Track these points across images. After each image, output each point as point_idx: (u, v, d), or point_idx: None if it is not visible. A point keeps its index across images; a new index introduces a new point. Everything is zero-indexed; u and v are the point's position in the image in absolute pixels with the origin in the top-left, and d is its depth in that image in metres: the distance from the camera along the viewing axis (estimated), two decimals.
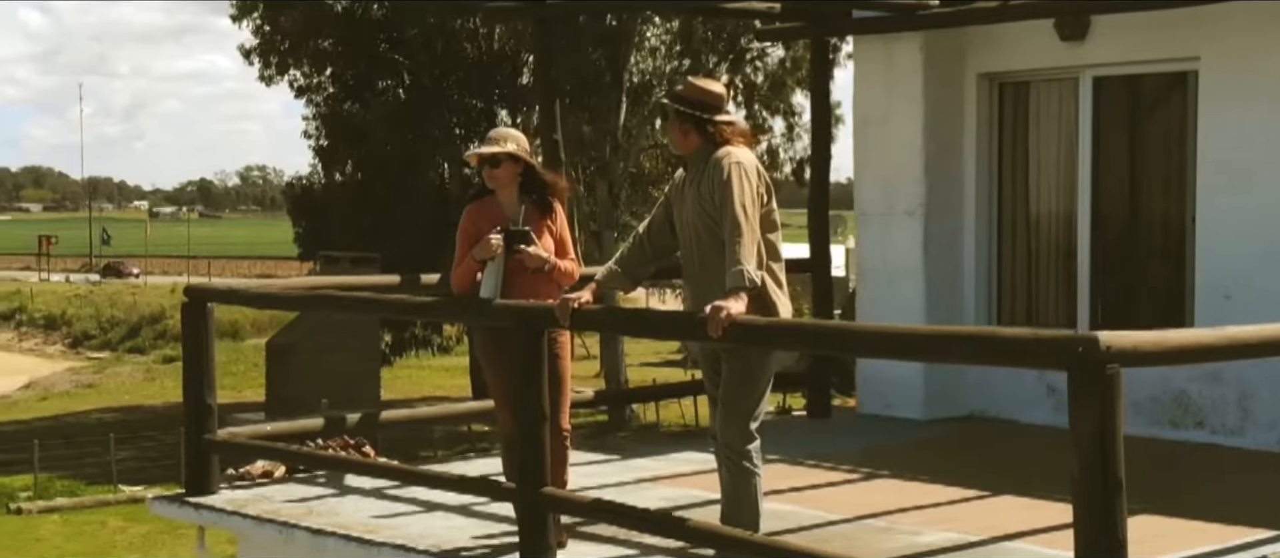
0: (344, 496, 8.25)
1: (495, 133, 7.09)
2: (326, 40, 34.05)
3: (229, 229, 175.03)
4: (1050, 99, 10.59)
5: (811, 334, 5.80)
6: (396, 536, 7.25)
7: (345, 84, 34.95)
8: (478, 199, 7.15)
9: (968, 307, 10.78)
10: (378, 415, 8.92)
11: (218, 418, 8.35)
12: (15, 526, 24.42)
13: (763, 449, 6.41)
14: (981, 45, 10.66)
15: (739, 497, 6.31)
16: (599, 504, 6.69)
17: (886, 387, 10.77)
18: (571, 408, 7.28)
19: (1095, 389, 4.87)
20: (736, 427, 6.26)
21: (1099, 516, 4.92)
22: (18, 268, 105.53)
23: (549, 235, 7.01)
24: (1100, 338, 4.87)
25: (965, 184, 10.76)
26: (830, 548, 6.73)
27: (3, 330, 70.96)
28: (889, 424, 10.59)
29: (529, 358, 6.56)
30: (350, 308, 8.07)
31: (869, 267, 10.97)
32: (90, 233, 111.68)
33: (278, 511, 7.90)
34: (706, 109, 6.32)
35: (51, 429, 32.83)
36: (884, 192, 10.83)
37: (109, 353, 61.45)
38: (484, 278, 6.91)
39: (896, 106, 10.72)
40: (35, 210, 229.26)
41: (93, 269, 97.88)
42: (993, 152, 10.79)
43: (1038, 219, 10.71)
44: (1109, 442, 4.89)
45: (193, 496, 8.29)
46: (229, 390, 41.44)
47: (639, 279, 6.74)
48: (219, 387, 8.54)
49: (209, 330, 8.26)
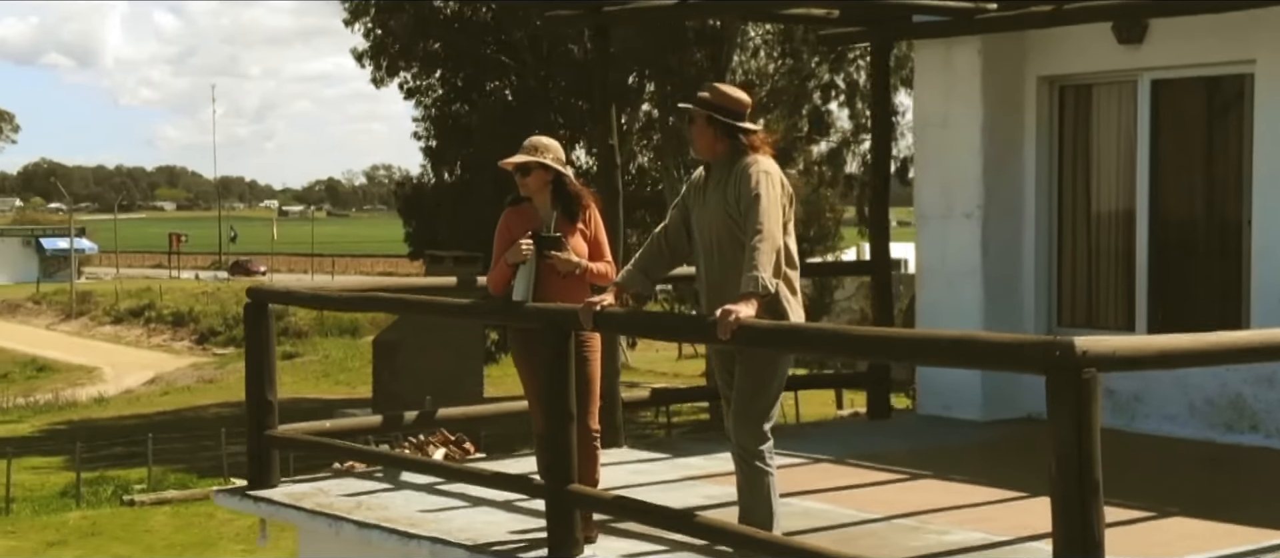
0: (398, 491, 8.54)
1: (528, 142, 7.35)
2: (436, 42, 34.59)
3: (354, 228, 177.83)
4: (1109, 102, 10.61)
5: (813, 338, 5.96)
6: (436, 530, 7.52)
7: (454, 86, 35.49)
8: (515, 205, 7.41)
9: (1026, 309, 10.82)
10: (435, 413, 9.21)
11: (279, 413, 8.68)
12: (128, 517, 25.23)
13: (777, 448, 6.58)
14: (1042, 49, 10.70)
15: (753, 496, 6.49)
16: (620, 501, 6.89)
17: (945, 389, 10.85)
18: (623, 407, 7.47)
19: (1072, 393, 4.99)
20: (749, 428, 6.43)
21: (1076, 517, 5.05)
22: (150, 265, 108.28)
23: (582, 240, 7.24)
24: (1076, 343, 4.99)
25: (1025, 186, 10.81)
26: (855, 546, 6.92)
27: (132, 327, 72.91)
28: (946, 426, 10.67)
29: (556, 359, 6.80)
30: (393, 308, 8.38)
31: (928, 268, 11.06)
32: (219, 232, 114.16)
33: (331, 504, 8.22)
34: (735, 116, 6.49)
35: (170, 423, 33.82)
36: (943, 194, 10.91)
37: (233, 349, 62.86)
38: (516, 281, 7.15)
39: (955, 109, 10.80)
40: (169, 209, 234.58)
41: (221, 267, 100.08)
42: (1053, 154, 10.83)
43: (1097, 221, 10.73)
44: (1086, 444, 5.01)
45: (254, 489, 8.64)
46: (344, 386, 42.35)
47: (657, 281, 6.93)
48: (335, 383, 8.90)
49: (269, 330, 8.60)
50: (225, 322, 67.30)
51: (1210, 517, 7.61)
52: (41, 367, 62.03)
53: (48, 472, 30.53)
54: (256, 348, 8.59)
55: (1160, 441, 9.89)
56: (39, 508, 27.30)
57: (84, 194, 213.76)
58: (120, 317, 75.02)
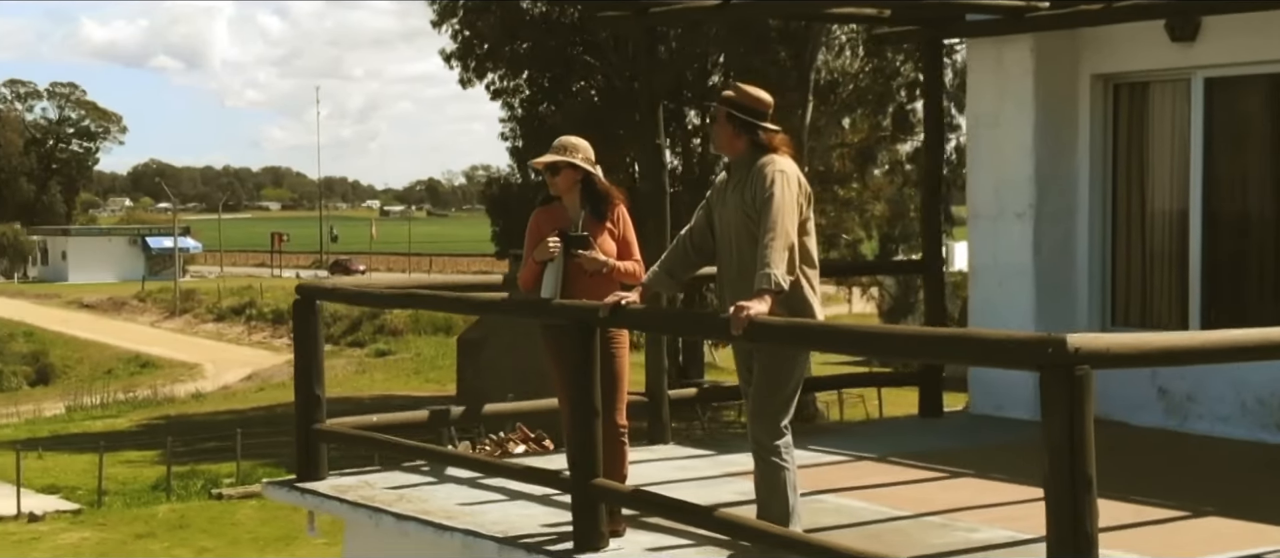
0: (441, 484, 8.70)
1: (558, 142, 7.47)
2: (523, 43, 34.88)
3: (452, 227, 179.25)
4: (1163, 100, 10.54)
5: (820, 335, 6.03)
6: (469, 522, 7.67)
7: (541, 86, 35.76)
8: (546, 204, 7.53)
9: (1080, 308, 10.78)
10: (480, 408, 9.38)
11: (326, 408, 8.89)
12: (216, 510, 25.75)
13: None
14: (1095, 47, 10.65)
15: (770, 491, 6.57)
16: (642, 495, 7.00)
17: (997, 388, 10.84)
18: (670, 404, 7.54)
19: (1065, 390, 5.03)
20: (766, 424, 6.51)
21: (1068, 514, 5.08)
22: (253, 264, 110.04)
23: (610, 239, 7.35)
24: (1069, 340, 5.03)
25: (1078, 186, 10.76)
26: (879, 543, 6.97)
27: (233, 324, 74.18)
28: (998, 425, 10.65)
29: (580, 355, 6.92)
30: (429, 304, 8.55)
31: (980, 268, 11.05)
32: (320, 231, 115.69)
33: (373, 497, 8.40)
34: (757, 116, 6.58)
35: (263, 419, 34.41)
36: (995, 193, 10.90)
37: (330, 346, 63.81)
38: (545, 278, 7.28)
39: (1007, 108, 10.78)
40: (273, 209, 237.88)
41: (321, 266, 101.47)
42: (1107, 153, 10.77)
43: (1151, 220, 10.66)
44: (1078, 441, 5.06)
45: (302, 482, 8.85)
46: (434, 384, 42.83)
47: (683, 281, 7.03)
48: (425, 380, 9.13)
49: (317, 327, 8.81)
50: (325, 319, 68.11)
51: (1247, 518, 7.56)
52: (145, 363, 63.38)
53: (142, 466, 31.22)
54: (305, 344, 8.81)
55: (1213, 441, 9.83)
56: (130, 500, 27.96)
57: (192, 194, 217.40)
58: (222, 314, 76.38)
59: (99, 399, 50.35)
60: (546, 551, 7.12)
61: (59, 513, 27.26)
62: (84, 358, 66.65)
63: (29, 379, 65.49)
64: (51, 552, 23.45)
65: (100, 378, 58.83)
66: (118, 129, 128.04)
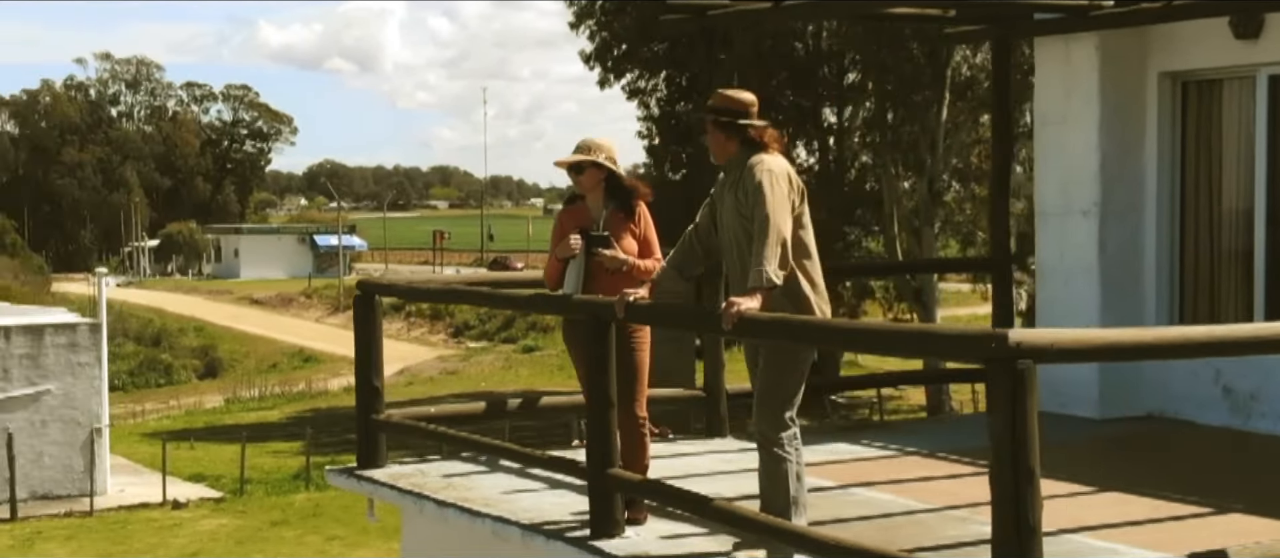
0: (491, 474, 9.03)
1: (582, 142, 7.73)
2: (660, 44, 35.22)
3: None
4: (1229, 98, 10.47)
5: (800, 330, 6.23)
6: (502, 509, 7.98)
7: (678, 86, 36.07)
8: (571, 202, 7.82)
9: (1148, 305, 10.74)
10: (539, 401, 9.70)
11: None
12: (349, 499, 26.36)
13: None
14: (1163, 45, 10.61)
15: (773, 482, 6.76)
16: (652, 485, 7.24)
17: (1063, 386, 10.84)
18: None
19: (1007, 384, 5.16)
20: (770, 416, 6.71)
21: (1010, 504, 5.22)
22: (416, 262, 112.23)
23: (631, 237, 7.60)
24: (1010, 335, 5.16)
25: (1145, 184, 10.73)
26: (894, 535, 7.13)
27: (393, 320, 75.73)
28: (1059, 423, 10.64)
29: (597, 349, 7.19)
30: (470, 299, 8.89)
31: (1047, 266, 11.08)
32: (481, 229, 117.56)
33: (423, 485, 8.77)
34: (740, 115, 6.79)
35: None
36: (1061, 191, 10.91)
37: (485, 342, 64.91)
38: (567, 275, 7.56)
39: (1073, 106, 10.79)
40: (441, 208, 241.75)
41: (481, 263, 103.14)
42: (1175, 150, 10.72)
43: (1218, 217, 10.59)
44: (1021, 434, 5.19)
45: (362, 469, 9.26)
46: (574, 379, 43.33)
47: (691, 277, 7.26)
48: (569, 375, 9.50)
49: (377, 321, 9.21)
50: (479, 316, 69.42)
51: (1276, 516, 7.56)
52: (307, 358, 65.16)
53: (287, 456, 32.22)
54: (365, 337, 9.20)
55: (1275, 440, 9.77)
56: (271, 489, 28.92)
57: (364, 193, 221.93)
58: (383, 311, 77.95)
59: (257, 392, 51.92)
60: (565, 537, 7.40)
61: (202, 500, 28.30)
62: (251, 352, 68.74)
63: (198, 372, 67.76)
64: (190, 538, 24.40)
65: (264, 372, 60.69)
66: (288, 130, 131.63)
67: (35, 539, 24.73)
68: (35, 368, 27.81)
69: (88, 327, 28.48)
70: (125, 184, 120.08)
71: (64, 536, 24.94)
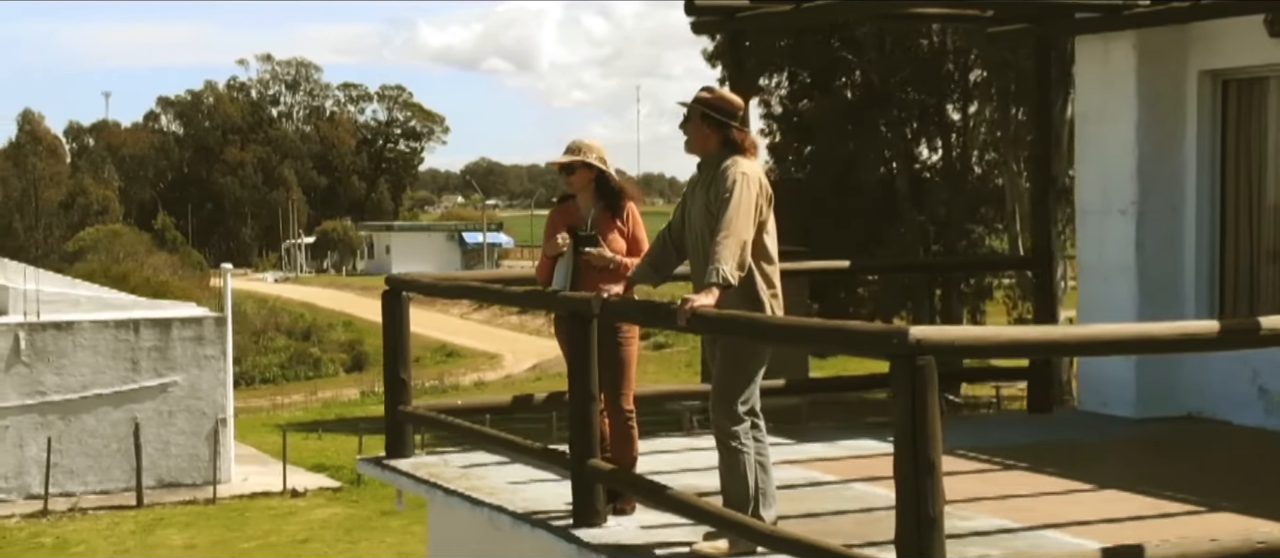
0: (509, 465, 9.29)
1: (573, 143, 7.95)
2: (781, 41, 35.25)
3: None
4: (1271, 96, 10.35)
5: (741, 326, 6.40)
6: (503, 499, 8.23)
7: (801, 83, 36.08)
8: (563, 202, 8.05)
9: (1187, 305, 10.65)
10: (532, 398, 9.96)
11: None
12: None
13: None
14: (1203, 43, 10.53)
15: (731, 474, 6.92)
16: (620, 475, 7.45)
17: (1103, 385, 10.81)
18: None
19: (908, 379, 5.29)
20: (724, 410, 6.86)
21: (911, 495, 5.33)
22: None
23: (620, 236, 7.81)
24: (911, 332, 5.29)
25: (1185, 182, 10.65)
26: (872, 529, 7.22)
27: (536, 316, 76.59)
28: (1098, 422, 10.65)
29: (579, 343, 7.41)
30: (478, 296, 9.16)
31: (1087, 264, 11.04)
32: None
33: (439, 475, 9.06)
34: (729, 116, 6.95)
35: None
36: (1100, 190, 10.87)
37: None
38: (556, 273, 7.80)
39: (1112, 105, 10.75)
40: None
41: None
42: (1215, 149, 10.62)
43: (1260, 216, 10.47)
44: (921, 427, 5.29)
45: (389, 459, 9.59)
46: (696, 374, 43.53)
47: (666, 275, 7.42)
48: (695, 372, 9.74)
49: (405, 315, 9.52)
50: None
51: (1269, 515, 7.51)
52: (450, 352, 66.16)
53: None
54: (392, 331, 9.51)
55: None
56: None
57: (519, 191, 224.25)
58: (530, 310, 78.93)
59: None
60: (550, 526, 7.64)
61: (321, 490, 29.07)
62: None
63: (345, 366, 69.15)
64: (302, 525, 25.13)
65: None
66: (440, 129, 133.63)
67: (156, 526, 25.68)
68: (163, 360, 28.86)
69: (213, 320, 29.46)
70: (284, 182, 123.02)
71: (184, 522, 25.85)
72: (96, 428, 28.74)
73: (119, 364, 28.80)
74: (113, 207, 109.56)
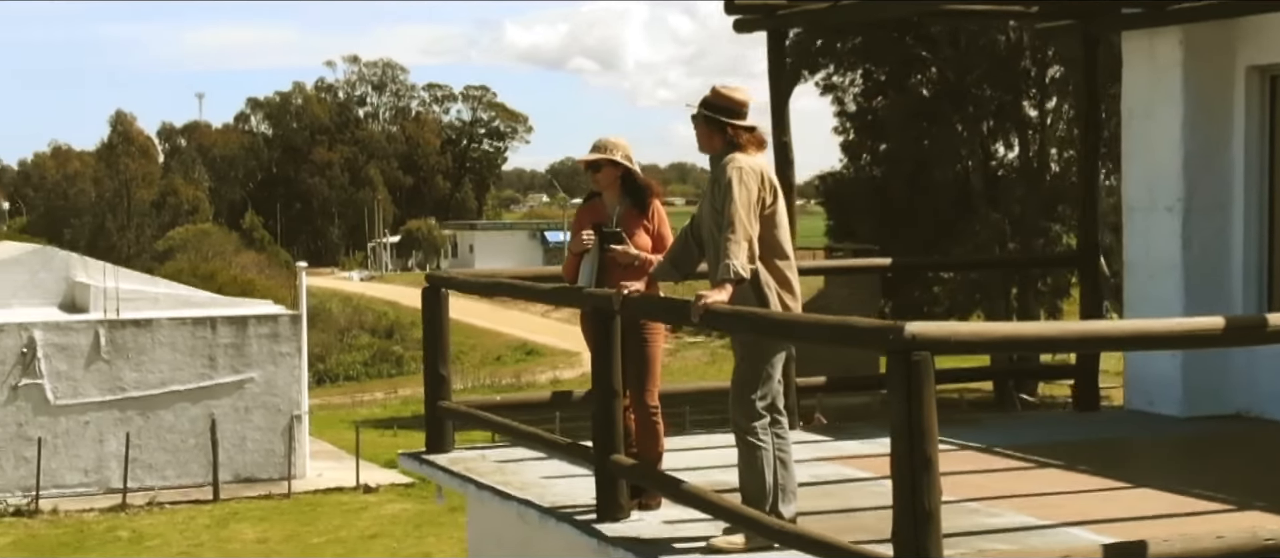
0: (545, 461, 9.37)
1: (598, 141, 8.02)
2: (855, 38, 35.13)
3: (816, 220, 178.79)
4: None
5: (746, 322, 6.44)
6: (532, 493, 8.33)
7: (875, 81, 35.92)
8: (589, 199, 8.12)
9: (1235, 301, 10.53)
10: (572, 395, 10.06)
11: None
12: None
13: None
14: (1251, 38, 10.40)
15: (748, 469, 6.97)
16: (641, 469, 7.50)
17: (1150, 384, 10.72)
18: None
19: (904, 373, 5.31)
20: (741, 406, 6.92)
21: (908, 490, 5.35)
22: None
23: (645, 233, 7.86)
24: (907, 327, 5.30)
25: (1233, 179, 10.53)
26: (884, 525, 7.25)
27: None
28: (1143, 420, 10.56)
29: (602, 339, 7.49)
30: (506, 292, 9.25)
31: (1133, 261, 10.95)
32: None
33: (475, 470, 9.17)
34: (728, 114, 6.99)
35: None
36: (1147, 187, 10.78)
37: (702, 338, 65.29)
38: (582, 270, 7.87)
39: (1158, 101, 10.66)
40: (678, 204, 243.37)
41: None
42: (1263, 144, 10.50)
43: None
44: (918, 422, 5.31)
45: (430, 453, 9.71)
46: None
47: (687, 273, 7.48)
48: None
49: (445, 313, 9.64)
50: None
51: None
52: (530, 351, 66.49)
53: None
54: (432, 328, 9.63)
55: None
56: None
57: None
58: None
59: (469, 384, 53.27)
60: (574, 520, 7.72)
61: (393, 485, 29.37)
62: (477, 345, 70.40)
63: None
64: (372, 520, 25.42)
65: (490, 364, 62.11)
66: (524, 129, 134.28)
67: (230, 520, 26.08)
68: (239, 357, 29.30)
69: (289, 318, 29.87)
70: (370, 182, 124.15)
71: (257, 516, 26.22)
72: (174, 424, 29.23)
73: (196, 361, 29.27)
74: (203, 206, 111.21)
